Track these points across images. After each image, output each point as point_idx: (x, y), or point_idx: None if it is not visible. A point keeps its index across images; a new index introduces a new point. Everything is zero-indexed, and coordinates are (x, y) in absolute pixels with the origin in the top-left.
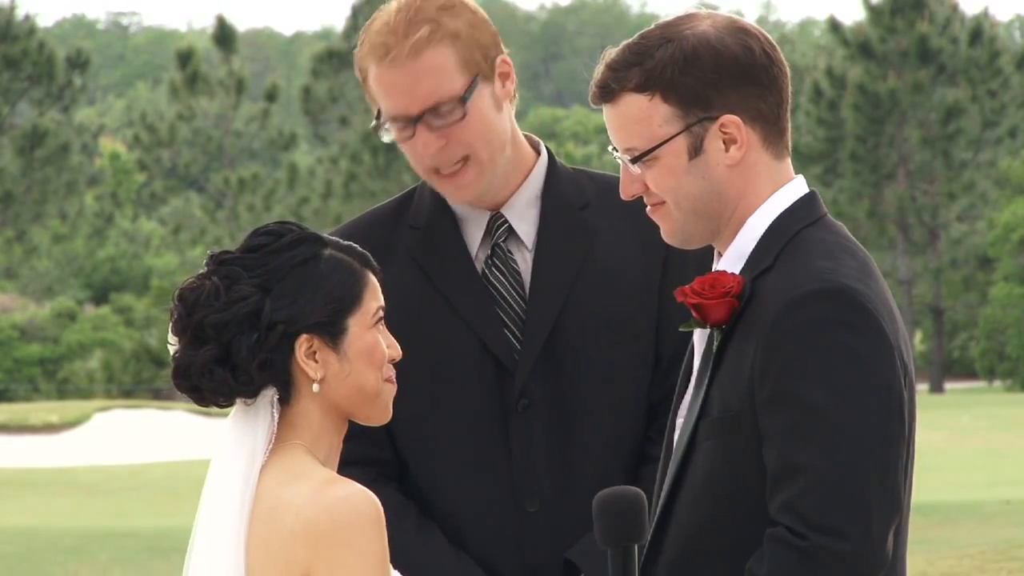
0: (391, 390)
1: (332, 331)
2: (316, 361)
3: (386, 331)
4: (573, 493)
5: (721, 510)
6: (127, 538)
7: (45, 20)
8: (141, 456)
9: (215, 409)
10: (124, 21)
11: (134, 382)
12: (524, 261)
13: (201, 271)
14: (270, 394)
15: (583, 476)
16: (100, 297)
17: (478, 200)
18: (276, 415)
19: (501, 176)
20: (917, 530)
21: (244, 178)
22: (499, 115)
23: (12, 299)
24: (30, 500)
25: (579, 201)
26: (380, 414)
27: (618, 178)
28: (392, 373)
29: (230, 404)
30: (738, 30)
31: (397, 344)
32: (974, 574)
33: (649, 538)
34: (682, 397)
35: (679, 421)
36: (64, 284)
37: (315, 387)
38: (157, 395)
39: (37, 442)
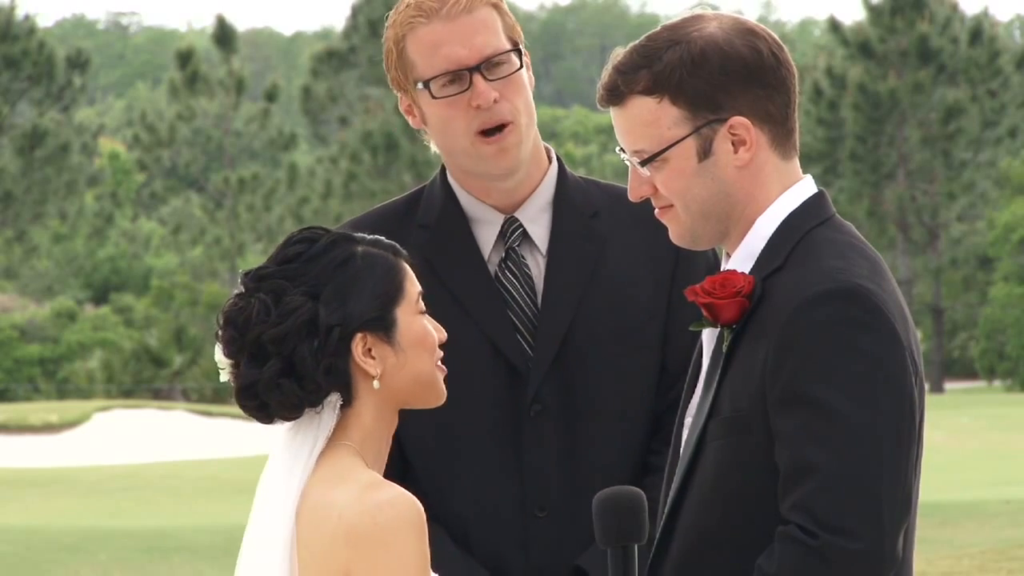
0: (443, 374)
1: (384, 325)
2: (374, 358)
3: (429, 316)
4: (581, 499)
5: (730, 509)
6: (127, 538)
7: (45, 20)
8: (141, 456)
9: (215, 409)
10: (124, 21)
11: (134, 382)
12: (537, 266)
13: (238, 291)
14: (334, 399)
15: (591, 482)
16: (100, 297)
17: (513, 174)
18: (336, 419)
19: (527, 162)
20: (917, 530)
21: (244, 178)
22: (531, 90)
23: (12, 299)
24: (30, 500)
25: (589, 209)
26: (437, 397)
27: (626, 188)
28: (441, 356)
29: (297, 416)
30: (745, 31)
31: (441, 328)
32: (974, 574)
33: (657, 537)
34: (690, 397)
35: (687, 421)
36: (64, 284)
37: (375, 384)
38: (157, 395)
39: (37, 442)
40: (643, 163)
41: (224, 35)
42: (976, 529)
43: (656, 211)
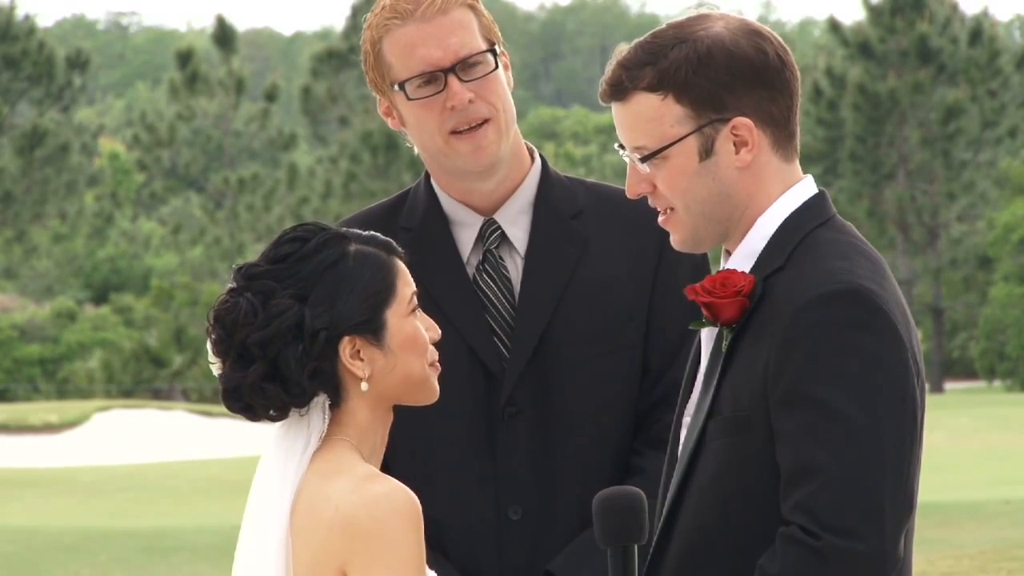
0: (436, 372)
1: (372, 328)
2: (362, 360)
3: (423, 315)
4: (556, 502)
5: (730, 509)
6: (127, 538)
7: (45, 20)
8: (141, 456)
9: (216, 409)
10: (124, 21)
11: (134, 382)
12: (515, 268)
13: (230, 287)
14: (321, 400)
15: (567, 485)
16: (100, 297)
17: (490, 171)
18: (327, 419)
19: (506, 161)
20: (917, 530)
21: (244, 178)
22: (509, 90)
23: (12, 299)
24: (30, 500)
25: (571, 210)
26: (429, 395)
27: (614, 188)
28: (436, 356)
29: (283, 417)
30: (752, 32)
31: (436, 325)
32: (974, 574)
33: (656, 537)
34: (688, 397)
35: (686, 420)
36: (64, 284)
37: (363, 386)
38: (157, 395)
39: (37, 442)
40: (643, 160)
41: (224, 35)
42: (976, 529)
43: (660, 219)
